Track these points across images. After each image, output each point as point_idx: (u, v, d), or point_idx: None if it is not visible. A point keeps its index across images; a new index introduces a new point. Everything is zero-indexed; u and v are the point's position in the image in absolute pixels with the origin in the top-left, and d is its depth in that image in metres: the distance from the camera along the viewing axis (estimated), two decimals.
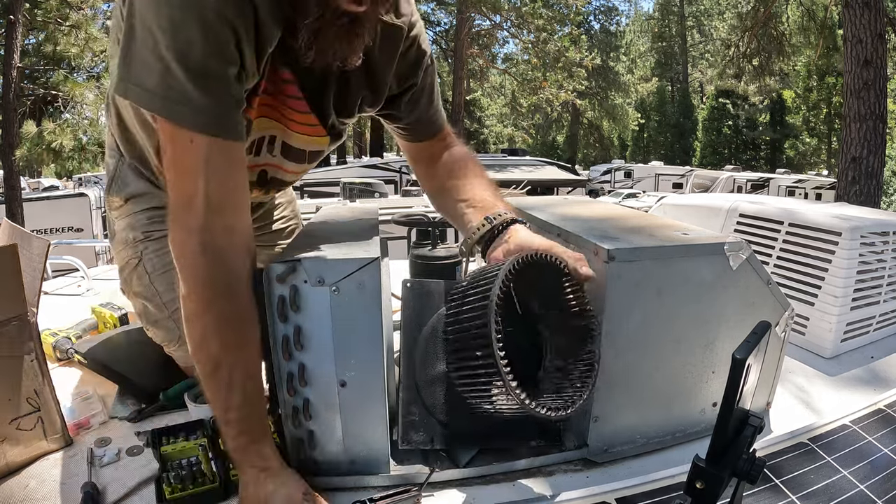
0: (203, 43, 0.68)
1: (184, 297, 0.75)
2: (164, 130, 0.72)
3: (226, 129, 0.73)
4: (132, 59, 0.70)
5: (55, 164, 8.00)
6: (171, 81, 0.68)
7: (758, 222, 1.49)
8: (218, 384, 0.76)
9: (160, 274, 1.05)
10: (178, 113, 0.70)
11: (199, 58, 0.68)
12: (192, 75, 0.68)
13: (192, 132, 0.71)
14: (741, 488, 0.58)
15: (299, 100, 0.90)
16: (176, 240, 0.74)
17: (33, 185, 13.45)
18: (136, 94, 0.71)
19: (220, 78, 0.71)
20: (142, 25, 0.68)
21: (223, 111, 0.73)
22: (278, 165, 1.01)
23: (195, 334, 0.76)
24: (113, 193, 1.09)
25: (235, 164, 0.76)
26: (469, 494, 0.83)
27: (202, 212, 0.72)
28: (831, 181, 12.92)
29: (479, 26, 18.44)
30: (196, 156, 0.71)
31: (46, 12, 7.64)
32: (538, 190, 8.42)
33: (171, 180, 0.74)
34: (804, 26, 18.07)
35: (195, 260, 0.73)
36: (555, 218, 1.06)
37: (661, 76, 33.70)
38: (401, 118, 1.05)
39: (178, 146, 0.72)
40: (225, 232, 0.74)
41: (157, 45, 0.67)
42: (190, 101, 0.69)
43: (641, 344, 0.87)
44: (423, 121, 1.06)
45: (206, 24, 0.67)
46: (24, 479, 0.85)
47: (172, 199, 0.74)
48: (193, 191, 0.72)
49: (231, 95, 0.73)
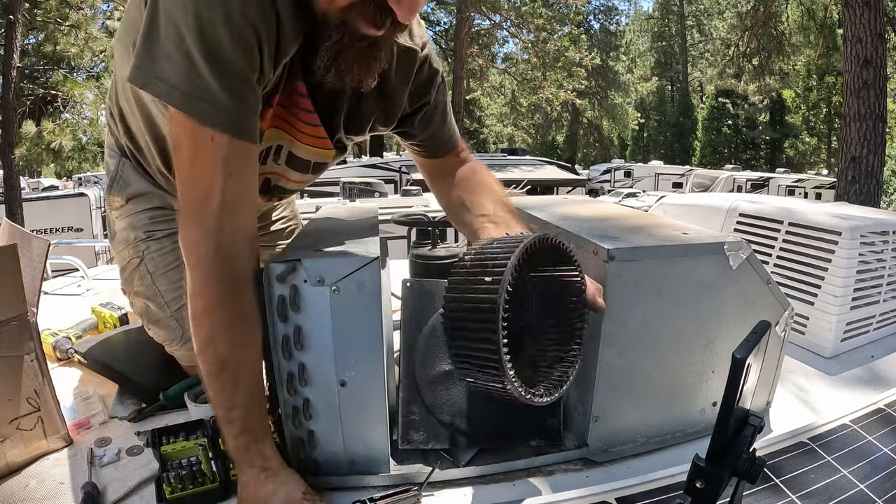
0: (230, 42, 0.68)
1: (192, 295, 0.75)
2: (182, 127, 0.71)
3: (246, 131, 0.73)
4: (154, 52, 0.69)
5: (55, 164, 8.00)
6: (196, 78, 0.68)
7: (758, 222, 1.49)
8: (223, 383, 0.76)
9: (162, 273, 1.05)
10: (201, 110, 0.69)
11: (227, 56, 0.68)
12: (219, 73, 0.68)
13: (214, 130, 0.70)
14: (741, 488, 0.58)
15: (311, 113, 0.90)
16: (189, 238, 0.74)
17: (33, 184, 13.44)
18: (158, 87, 0.70)
19: (245, 79, 0.71)
20: (166, 18, 0.67)
21: (245, 112, 0.72)
22: (282, 174, 1.01)
23: (203, 333, 0.75)
24: (114, 193, 1.08)
25: (251, 166, 0.76)
26: (469, 494, 0.83)
27: (217, 211, 0.72)
28: (831, 181, 12.92)
29: (478, 26, 18.43)
30: (216, 154, 0.71)
31: (46, 12, 7.63)
32: (538, 189, 8.41)
33: (186, 178, 0.73)
34: (804, 26, 18.08)
35: (208, 259, 0.72)
36: (555, 217, 1.06)
37: (660, 76, 33.67)
38: (415, 135, 1.06)
39: (198, 144, 0.71)
40: (236, 232, 0.74)
41: (182, 41, 0.67)
42: (214, 98, 0.69)
43: (641, 343, 0.87)
44: (437, 138, 1.08)
45: (232, 24, 0.67)
46: (24, 479, 0.85)
47: (185, 197, 0.73)
48: (210, 189, 0.71)
49: (254, 97, 0.73)
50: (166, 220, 1.06)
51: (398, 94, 0.97)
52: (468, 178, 1.07)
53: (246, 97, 0.72)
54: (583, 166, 24.71)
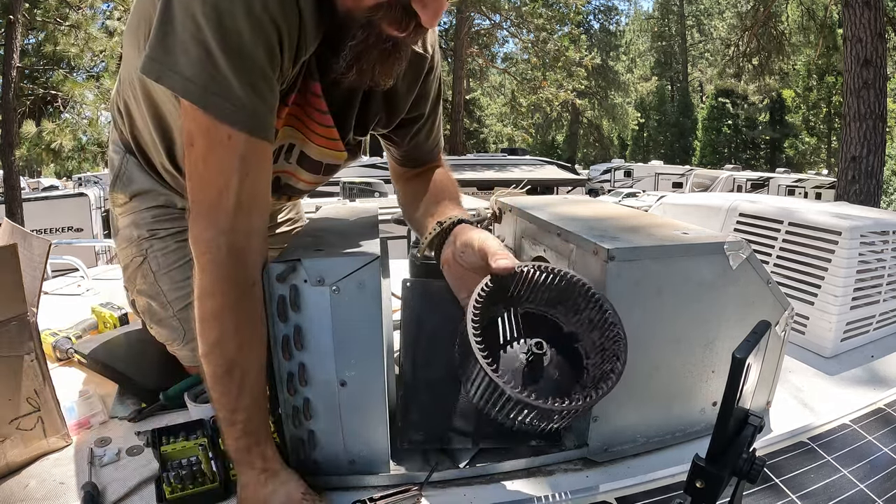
0: (251, 36, 0.65)
1: (202, 296, 0.73)
2: (196, 122, 0.68)
3: (264, 129, 0.71)
4: (169, 43, 0.66)
5: (55, 164, 8.00)
6: (214, 72, 0.65)
7: (757, 222, 1.49)
8: (229, 386, 0.74)
9: (165, 273, 1.04)
10: (219, 107, 0.66)
11: (247, 50, 0.65)
12: (237, 68, 0.65)
13: (231, 128, 0.68)
14: (741, 488, 0.58)
15: (325, 114, 0.89)
16: (201, 238, 0.71)
17: (33, 184, 13.44)
18: (173, 80, 0.67)
19: (265, 75, 0.69)
20: (182, 8, 0.64)
21: (263, 110, 0.70)
22: (292, 173, 1.01)
23: (211, 335, 0.73)
24: (117, 190, 1.07)
25: (266, 166, 0.75)
26: (469, 494, 0.83)
27: (232, 212, 0.70)
28: (831, 180, 12.94)
29: (478, 25, 18.44)
30: (232, 153, 0.69)
31: (46, 12, 7.63)
32: (538, 189, 8.42)
33: (199, 176, 0.71)
34: (804, 25, 18.08)
35: (221, 260, 0.71)
36: (555, 217, 1.06)
37: (660, 75, 33.71)
38: (400, 145, 1.06)
39: (213, 140, 0.68)
40: (248, 234, 0.73)
41: (199, 31, 0.64)
42: (232, 94, 0.66)
43: (641, 343, 0.87)
44: (420, 151, 1.08)
45: (253, 17, 0.65)
46: (24, 479, 0.85)
47: (198, 196, 0.71)
48: (224, 189, 0.70)
49: (272, 94, 0.72)
50: (170, 218, 1.05)
51: (403, 97, 0.96)
52: (434, 186, 1.05)
53: (264, 94, 0.70)
54: (583, 166, 24.72)
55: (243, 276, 0.73)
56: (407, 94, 0.97)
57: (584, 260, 0.89)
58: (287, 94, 0.82)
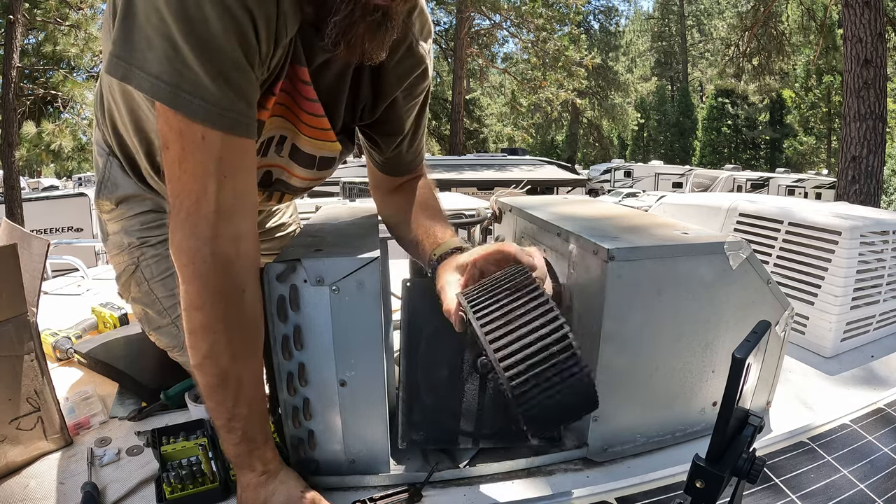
0: (220, 24, 0.60)
1: (189, 308, 0.69)
2: (169, 123, 0.64)
3: (241, 126, 0.66)
4: (132, 38, 0.61)
5: (55, 164, 8.01)
6: (181, 67, 0.60)
7: (757, 222, 1.49)
8: (224, 397, 0.72)
9: (159, 280, 1.02)
10: (189, 104, 0.61)
11: (215, 40, 0.60)
12: (207, 60, 0.61)
13: (204, 127, 0.63)
14: (741, 487, 0.58)
15: (314, 102, 0.84)
16: (182, 247, 0.67)
17: (33, 185, 13.44)
18: (139, 79, 0.61)
19: (238, 65, 0.63)
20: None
21: (239, 104, 0.65)
22: (285, 167, 0.95)
23: (202, 348, 0.70)
24: (103, 197, 1.02)
25: (248, 165, 0.70)
26: (469, 494, 0.83)
27: (212, 218, 0.66)
28: (831, 180, 12.94)
29: (478, 25, 18.42)
30: (207, 154, 0.64)
31: (46, 12, 7.64)
32: (538, 189, 8.41)
33: (176, 181, 0.66)
34: (804, 25, 18.10)
35: (205, 270, 0.67)
36: (555, 217, 1.06)
37: (660, 75, 33.72)
38: (382, 150, 1.00)
39: (187, 142, 0.64)
40: (234, 240, 0.68)
41: (163, 24, 0.59)
42: (202, 90, 0.61)
43: (641, 343, 0.87)
44: (401, 159, 1.02)
45: (220, 3, 0.60)
46: (24, 479, 0.85)
47: (177, 202, 0.67)
48: (202, 194, 0.65)
49: (249, 85, 0.66)
50: (160, 224, 1.01)
51: (391, 86, 0.90)
52: (416, 197, 1.00)
53: (240, 87, 0.64)
54: (583, 166, 24.73)
55: (231, 285, 0.69)
56: (396, 85, 0.90)
57: (584, 260, 0.89)
58: (273, 83, 0.76)
